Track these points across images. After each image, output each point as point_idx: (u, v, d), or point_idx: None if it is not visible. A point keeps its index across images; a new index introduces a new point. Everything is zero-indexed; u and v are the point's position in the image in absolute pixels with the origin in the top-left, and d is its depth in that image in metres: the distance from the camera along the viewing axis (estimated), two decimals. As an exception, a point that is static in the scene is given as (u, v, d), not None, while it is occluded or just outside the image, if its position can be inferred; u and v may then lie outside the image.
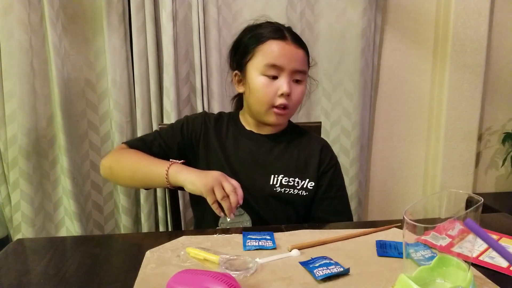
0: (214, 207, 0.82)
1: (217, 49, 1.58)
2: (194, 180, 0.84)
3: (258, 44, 0.96)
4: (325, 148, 1.06)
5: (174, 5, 1.51)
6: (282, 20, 1.56)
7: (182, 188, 0.88)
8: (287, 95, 0.95)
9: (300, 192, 0.99)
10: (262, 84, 0.95)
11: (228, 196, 0.81)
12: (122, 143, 1.03)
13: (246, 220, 0.87)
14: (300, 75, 0.97)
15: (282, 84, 0.94)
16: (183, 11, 1.56)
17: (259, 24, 1.01)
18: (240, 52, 1.00)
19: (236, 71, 1.03)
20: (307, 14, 1.68)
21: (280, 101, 0.95)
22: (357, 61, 1.70)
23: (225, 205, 0.81)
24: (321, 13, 1.69)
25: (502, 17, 1.86)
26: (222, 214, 0.83)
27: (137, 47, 1.53)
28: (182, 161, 0.92)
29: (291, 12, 1.65)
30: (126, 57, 1.55)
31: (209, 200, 0.82)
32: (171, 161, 0.90)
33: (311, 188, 1.00)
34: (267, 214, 0.97)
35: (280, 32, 0.97)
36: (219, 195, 0.81)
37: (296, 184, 0.99)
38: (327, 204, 1.02)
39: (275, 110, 0.97)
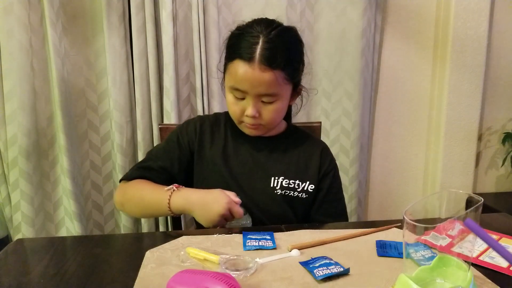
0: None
1: (217, 49, 1.58)
2: (197, 216, 0.86)
3: (230, 60, 0.92)
4: (325, 150, 1.06)
5: (174, 5, 1.51)
6: (282, 20, 1.54)
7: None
8: (252, 117, 0.92)
9: (300, 194, 0.99)
10: (230, 101, 0.94)
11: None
12: (121, 179, 1.00)
13: (248, 220, 0.87)
14: (268, 98, 0.91)
15: (247, 107, 0.92)
16: (183, 11, 1.56)
17: (243, 29, 0.92)
18: (223, 61, 0.98)
19: (224, 75, 0.99)
20: (307, 14, 1.68)
21: (247, 120, 0.94)
22: (357, 61, 1.70)
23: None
24: (321, 13, 1.69)
25: (502, 17, 1.86)
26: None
27: (137, 47, 1.53)
28: (177, 186, 0.89)
29: (291, 12, 1.65)
30: (126, 57, 1.55)
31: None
32: (170, 189, 0.88)
33: (311, 190, 1.00)
34: (267, 217, 0.97)
35: (250, 50, 0.87)
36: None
37: (297, 187, 0.99)
38: (326, 207, 1.02)
39: (246, 124, 0.96)
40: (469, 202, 0.53)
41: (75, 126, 1.58)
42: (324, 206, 1.02)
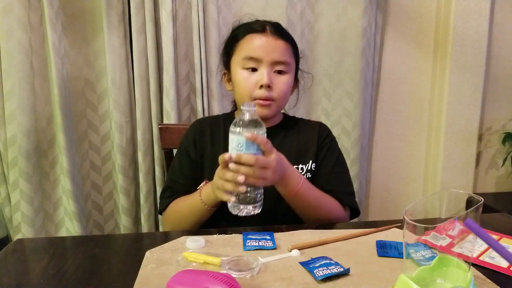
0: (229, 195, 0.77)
1: (217, 49, 1.57)
2: (212, 190, 0.83)
3: (238, 40, 0.97)
4: (322, 127, 1.07)
5: (174, 4, 1.51)
6: (282, 19, 1.56)
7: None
8: (267, 87, 0.93)
9: (305, 175, 0.98)
10: (242, 77, 0.95)
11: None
12: (160, 212, 1.02)
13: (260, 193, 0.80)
14: (281, 66, 0.95)
15: (261, 75, 0.93)
16: (183, 11, 1.56)
17: (246, 22, 1.01)
18: (225, 51, 1.02)
19: (224, 71, 1.04)
20: (307, 14, 1.68)
21: (260, 93, 0.94)
22: (358, 61, 1.70)
23: (230, 186, 0.75)
24: (322, 12, 1.69)
25: (503, 17, 1.86)
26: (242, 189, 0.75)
27: (137, 47, 1.53)
28: (205, 181, 0.94)
29: (291, 12, 1.65)
30: (126, 57, 1.55)
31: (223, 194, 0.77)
32: (199, 188, 0.91)
33: (314, 168, 1.00)
34: (277, 209, 0.97)
35: (259, 25, 0.97)
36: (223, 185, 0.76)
37: (301, 171, 0.99)
38: (323, 181, 0.99)
39: (258, 101, 0.95)
40: (469, 202, 0.53)
41: (75, 126, 1.58)
42: (316, 179, 0.99)
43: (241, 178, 0.73)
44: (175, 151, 1.40)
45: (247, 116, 0.74)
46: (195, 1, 1.52)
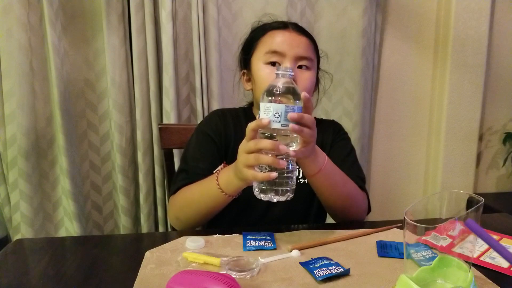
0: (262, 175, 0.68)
1: (217, 49, 1.57)
2: (238, 176, 0.74)
3: (261, 36, 0.96)
4: (336, 125, 1.09)
5: (173, 4, 1.51)
6: (282, 19, 1.56)
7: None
8: None
9: None
10: (265, 73, 0.92)
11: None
12: (170, 196, 0.94)
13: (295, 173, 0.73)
14: (305, 61, 0.92)
15: None
16: (183, 11, 1.56)
17: (265, 22, 1.01)
18: (245, 50, 1.00)
19: (243, 70, 1.02)
20: (308, 14, 1.68)
21: None
22: (358, 61, 1.70)
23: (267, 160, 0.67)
24: (322, 12, 1.69)
25: (503, 17, 1.86)
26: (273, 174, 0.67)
27: (136, 47, 1.53)
28: (223, 164, 0.88)
29: (292, 12, 1.65)
30: (126, 56, 1.55)
31: (253, 175, 0.69)
32: (216, 172, 0.83)
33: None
34: (297, 208, 0.96)
35: (280, 23, 0.97)
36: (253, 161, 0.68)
37: None
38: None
39: None
40: (470, 202, 0.53)
41: (74, 126, 1.57)
42: None
43: (283, 148, 0.65)
44: (175, 151, 1.40)
45: (283, 83, 0.67)
46: (195, 1, 1.52)
